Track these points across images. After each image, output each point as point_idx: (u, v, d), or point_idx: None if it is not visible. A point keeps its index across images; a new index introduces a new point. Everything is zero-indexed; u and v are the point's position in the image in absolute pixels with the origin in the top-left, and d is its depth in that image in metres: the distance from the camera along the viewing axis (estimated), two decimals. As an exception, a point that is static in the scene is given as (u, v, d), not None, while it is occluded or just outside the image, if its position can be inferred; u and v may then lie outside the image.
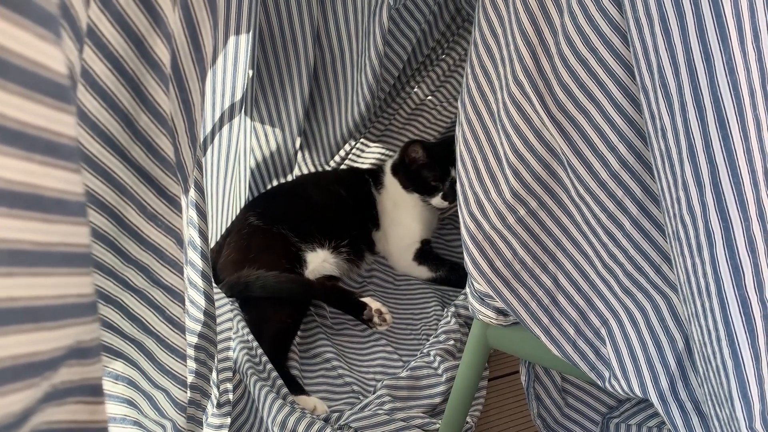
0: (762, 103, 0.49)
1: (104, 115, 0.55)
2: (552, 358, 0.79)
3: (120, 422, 0.69)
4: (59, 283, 0.31)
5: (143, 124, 0.58)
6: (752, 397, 0.50)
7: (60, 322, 0.32)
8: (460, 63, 1.62)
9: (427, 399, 1.17)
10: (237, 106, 1.12)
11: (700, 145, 0.52)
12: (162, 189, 0.63)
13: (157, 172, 0.61)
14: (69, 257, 0.32)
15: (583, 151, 0.69)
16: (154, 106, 0.58)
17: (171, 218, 0.65)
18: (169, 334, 0.68)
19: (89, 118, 0.53)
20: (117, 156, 0.58)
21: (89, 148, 0.55)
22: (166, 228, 0.65)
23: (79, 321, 0.33)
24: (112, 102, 0.55)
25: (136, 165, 0.60)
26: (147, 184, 0.61)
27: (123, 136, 0.57)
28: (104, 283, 0.62)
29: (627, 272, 0.71)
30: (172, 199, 0.64)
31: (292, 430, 1.02)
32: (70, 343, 0.33)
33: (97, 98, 0.53)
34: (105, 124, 0.55)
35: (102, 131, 0.55)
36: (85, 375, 0.35)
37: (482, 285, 0.78)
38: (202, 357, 0.85)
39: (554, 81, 0.69)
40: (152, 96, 0.57)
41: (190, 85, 0.64)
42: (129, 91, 0.56)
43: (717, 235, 0.51)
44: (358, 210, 1.56)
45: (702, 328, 0.55)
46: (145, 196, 0.62)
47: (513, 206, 0.75)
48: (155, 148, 0.60)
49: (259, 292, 1.28)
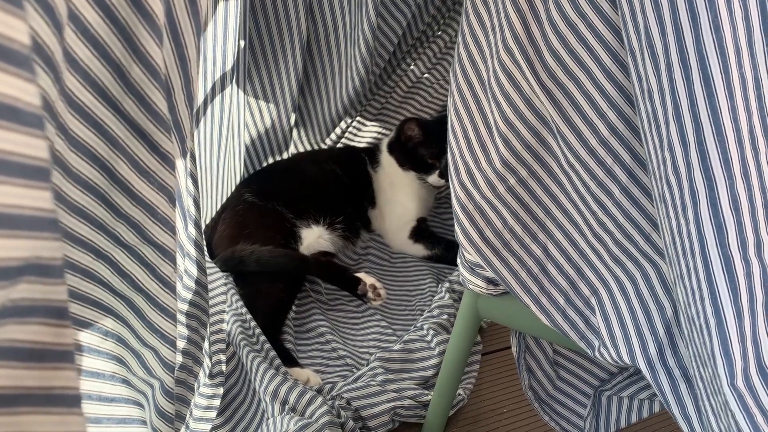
0: (748, 61, 0.49)
1: (96, 65, 0.54)
2: (542, 328, 0.79)
3: (109, 379, 0.69)
4: (13, 192, 0.31)
5: (135, 76, 0.58)
6: (734, 355, 0.50)
7: (14, 231, 0.31)
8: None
9: (420, 372, 1.17)
10: (228, 76, 1.12)
11: (685, 105, 0.51)
12: (155, 144, 0.62)
13: (150, 127, 0.61)
14: (25, 169, 0.32)
15: (572, 118, 0.69)
16: (147, 58, 0.57)
17: (163, 175, 0.64)
18: (159, 292, 0.68)
19: (80, 66, 0.53)
20: (109, 107, 0.57)
21: (80, 98, 0.54)
22: (158, 185, 0.64)
23: (37, 235, 0.33)
24: (104, 51, 0.54)
25: (129, 118, 0.59)
26: (139, 138, 0.61)
27: (115, 87, 0.57)
28: (95, 237, 0.62)
29: (617, 240, 0.71)
30: (164, 155, 0.64)
31: (283, 400, 1.03)
32: (26, 255, 0.32)
33: (89, 46, 0.53)
34: (97, 73, 0.55)
35: (94, 81, 0.55)
36: (47, 295, 0.35)
37: (472, 254, 0.79)
38: (194, 324, 0.85)
39: (544, 47, 0.69)
40: (144, 47, 0.57)
41: (186, 39, 0.63)
42: (121, 41, 0.55)
43: (701, 195, 0.51)
44: (354, 188, 1.56)
45: (686, 288, 0.55)
46: (137, 151, 0.61)
47: (503, 175, 0.75)
48: (148, 102, 0.60)
49: (254, 267, 1.28)
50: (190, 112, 0.69)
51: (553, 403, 1.04)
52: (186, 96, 0.67)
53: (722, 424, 0.54)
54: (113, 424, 0.72)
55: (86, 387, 0.68)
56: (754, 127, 0.49)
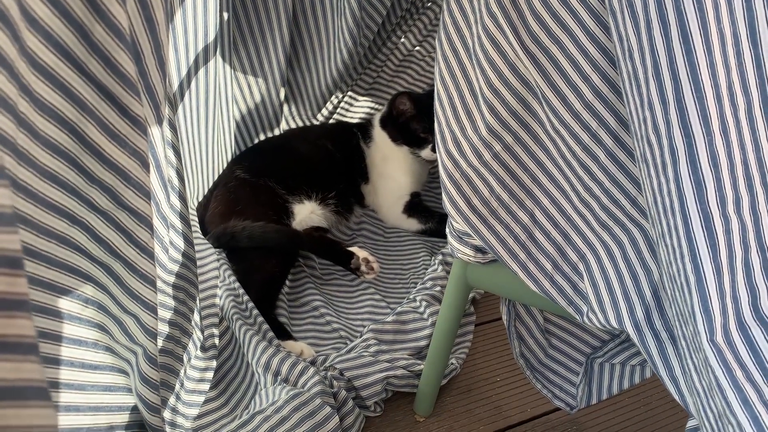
0: (726, 16, 0.48)
1: (57, 24, 0.54)
2: (530, 295, 0.79)
3: (92, 347, 0.70)
4: None
5: (99, 36, 0.57)
6: (713, 311, 0.50)
7: None
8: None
9: (413, 342, 1.17)
10: (211, 48, 1.11)
11: (664, 62, 0.51)
12: (123, 107, 0.62)
13: (118, 90, 0.61)
14: None
15: (556, 83, 0.68)
16: (109, 17, 0.57)
17: (135, 139, 0.64)
18: (137, 258, 0.68)
19: (41, 26, 0.52)
20: (74, 69, 0.57)
21: (44, 59, 0.54)
22: (130, 149, 0.64)
23: None
24: (64, 9, 0.53)
25: (95, 80, 0.59)
26: (108, 101, 0.60)
27: (79, 47, 0.56)
28: (68, 202, 0.61)
29: (603, 205, 0.71)
30: (135, 119, 0.63)
31: (276, 371, 1.03)
32: None
33: (47, 4, 0.52)
34: (59, 33, 0.54)
35: (56, 41, 0.54)
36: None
37: (460, 223, 0.78)
38: (180, 296, 0.85)
39: (527, 11, 0.68)
40: (106, 6, 0.56)
41: (153, 1, 0.62)
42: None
43: (680, 152, 0.51)
44: (347, 163, 1.55)
45: (668, 247, 0.55)
46: (107, 114, 0.61)
47: (489, 143, 0.75)
48: (113, 63, 0.59)
49: (246, 243, 1.28)
50: (163, 77, 0.68)
51: (546, 371, 1.04)
52: (157, 61, 0.66)
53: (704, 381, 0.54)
54: (98, 392, 0.73)
55: (69, 354, 0.68)
56: (733, 83, 0.49)
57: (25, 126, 0.54)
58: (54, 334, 0.66)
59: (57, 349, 0.66)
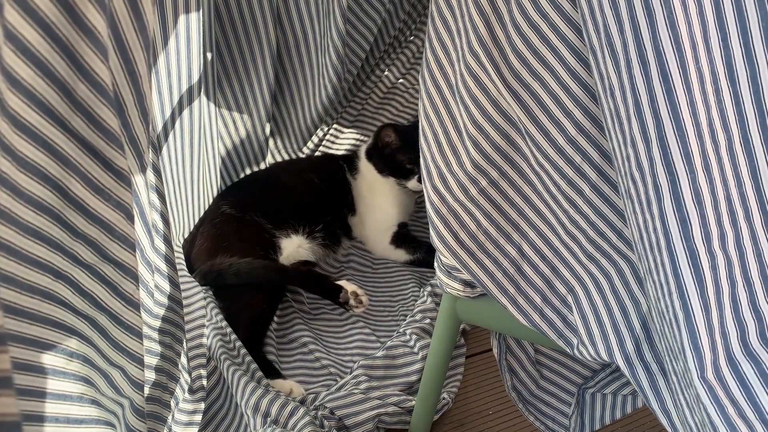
0: (704, 55, 0.49)
1: (40, 84, 0.54)
2: (520, 328, 0.79)
3: (77, 401, 0.68)
4: None
5: (82, 94, 0.57)
6: (703, 348, 0.50)
7: None
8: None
9: (404, 377, 1.17)
10: (195, 88, 1.11)
11: (645, 101, 0.52)
12: (107, 162, 0.62)
13: (101, 144, 0.61)
14: None
15: (539, 118, 0.69)
16: (92, 75, 0.57)
17: (119, 192, 0.64)
18: (122, 310, 0.67)
19: (23, 86, 0.52)
20: (57, 126, 0.57)
21: (26, 117, 0.54)
22: (114, 202, 0.64)
23: None
24: (47, 70, 0.54)
25: (79, 136, 0.59)
26: (91, 156, 0.60)
27: (62, 105, 0.56)
28: (53, 258, 0.61)
29: (590, 238, 0.71)
30: (118, 172, 0.63)
31: (265, 412, 1.02)
32: None
33: (31, 65, 0.52)
34: (42, 92, 0.54)
35: (40, 101, 0.54)
36: None
37: (448, 258, 0.79)
38: (167, 340, 0.84)
39: (509, 49, 0.69)
40: (89, 65, 0.56)
41: (135, 55, 0.63)
42: (64, 59, 0.54)
43: (664, 189, 0.51)
44: (333, 196, 1.55)
45: (655, 283, 0.55)
46: (90, 169, 0.61)
47: (475, 178, 0.75)
48: (97, 120, 0.59)
49: (233, 280, 1.27)
50: (146, 127, 0.68)
51: (538, 402, 1.04)
52: (140, 112, 0.66)
53: (696, 417, 0.54)
54: (83, 446, 0.71)
55: (54, 410, 0.67)
56: (713, 121, 0.49)
57: (7, 185, 0.54)
58: (38, 391, 0.64)
59: (41, 406, 0.65)
